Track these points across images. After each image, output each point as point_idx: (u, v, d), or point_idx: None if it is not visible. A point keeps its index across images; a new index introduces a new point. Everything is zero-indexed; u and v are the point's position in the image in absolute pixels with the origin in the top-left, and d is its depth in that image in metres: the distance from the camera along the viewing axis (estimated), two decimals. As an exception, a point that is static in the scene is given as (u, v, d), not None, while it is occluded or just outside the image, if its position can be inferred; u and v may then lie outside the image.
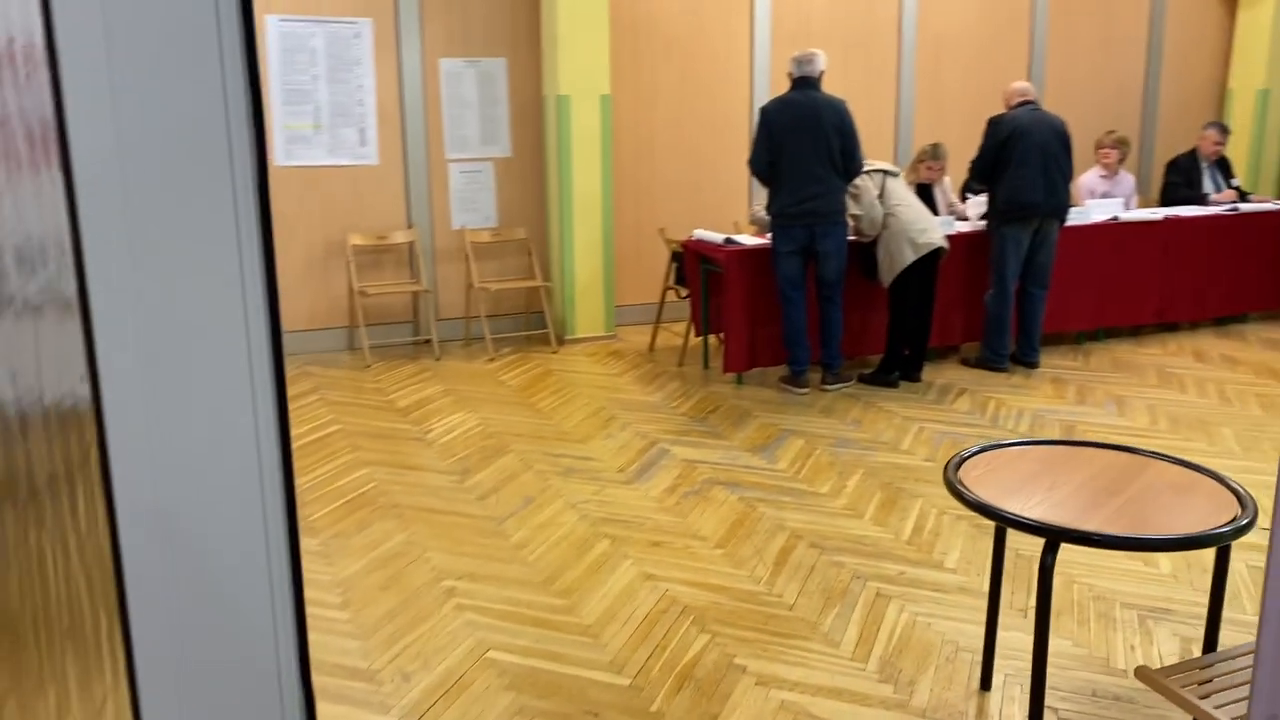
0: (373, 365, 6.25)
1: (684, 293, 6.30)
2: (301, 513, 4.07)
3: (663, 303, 6.56)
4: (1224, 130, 7.24)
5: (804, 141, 5.24)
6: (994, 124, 5.79)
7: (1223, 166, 7.39)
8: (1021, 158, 5.64)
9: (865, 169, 5.49)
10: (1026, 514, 2.25)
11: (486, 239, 6.75)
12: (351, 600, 3.36)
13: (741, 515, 3.98)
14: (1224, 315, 7.01)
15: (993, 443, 2.67)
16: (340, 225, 6.49)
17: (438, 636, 3.12)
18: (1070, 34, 8.23)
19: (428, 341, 6.67)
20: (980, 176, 5.89)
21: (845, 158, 5.31)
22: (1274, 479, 4.30)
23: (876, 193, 5.50)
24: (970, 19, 7.86)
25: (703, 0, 7.07)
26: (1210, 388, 5.60)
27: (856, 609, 3.24)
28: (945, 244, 5.55)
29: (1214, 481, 2.41)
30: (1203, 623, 3.14)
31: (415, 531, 3.88)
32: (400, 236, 6.57)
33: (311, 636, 3.12)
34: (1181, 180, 7.30)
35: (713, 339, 6.31)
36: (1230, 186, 7.32)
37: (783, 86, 6.77)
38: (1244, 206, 6.97)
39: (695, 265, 5.99)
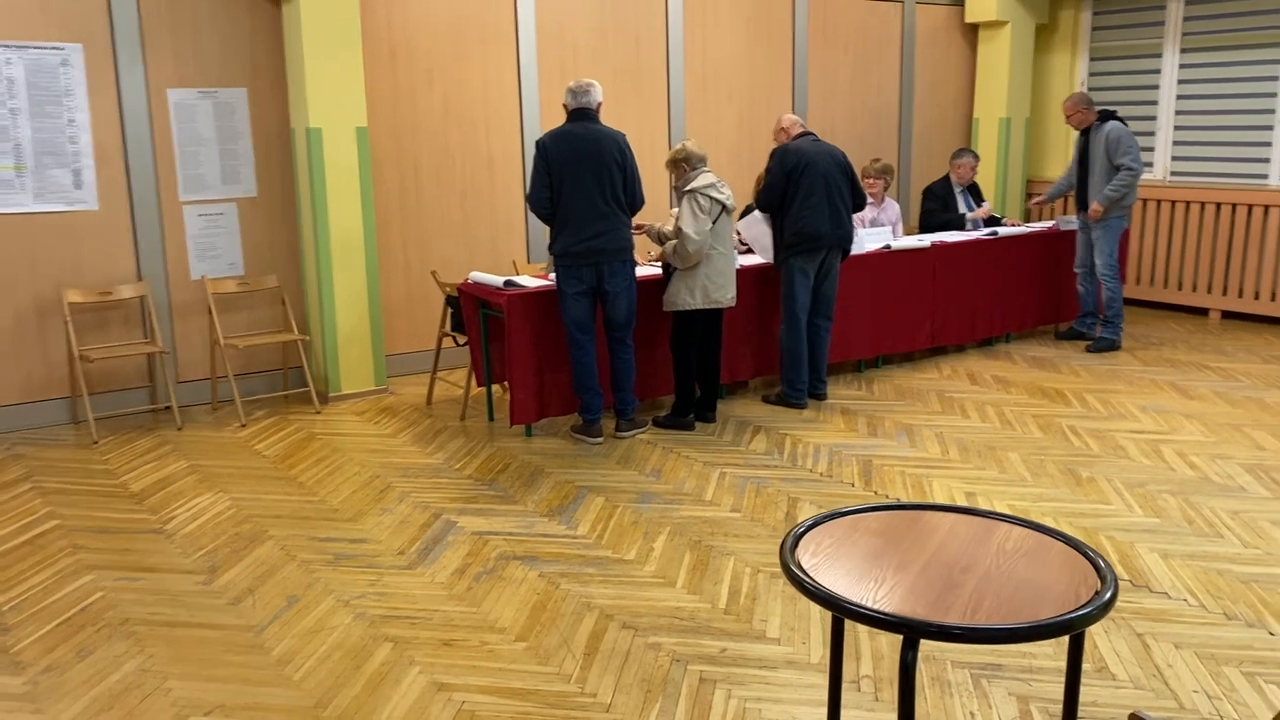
0: (100, 441, 5.39)
1: (462, 340, 5.82)
2: (3, 641, 3.31)
3: (439, 351, 6.05)
4: (977, 157, 7.55)
5: (585, 176, 4.92)
6: (780, 155, 5.64)
7: (973, 191, 7.69)
8: (809, 189, 5.53)
9: (711, 195, 5.13)
10: (880, 605, 1.97)
11: (232, 289, 6.01)
12: (66, 759, 2.68)
13: (543, 596, 3.56)
14: (989, 337, 7.26)
15: (827, 513, 2.40)
16: (54, 281, 5.58)
17: (181, 800, 2.51)
18: (829, 67, 8.39)
19: (167, 409, 5.84)
20: (767, 209, 5.74)
21: (628, 192, 5.04)
22: (1068, 505, 4.33)
23: (709, 225, 5.14)
24: (735, 51, 7.85)
25: (464, 26, 6.64)
26: (990, 411, 5.69)
27: (680, 701, 2.89)
28: (733, 303, 5.37)
29: (1062, 544, 2.23)
30: (1033, 675, 3.01)
31: (153, 654, 3.22)
32: (128, 291, 5.73)
33: (9, 821, 2.44)
34: (938, 206, 7.54)
35: (497, 388, 5.86)
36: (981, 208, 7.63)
37: (555, 118, 6.46)
38: (1001, 231, 7.26)
39: (473, 310, 5.53)
